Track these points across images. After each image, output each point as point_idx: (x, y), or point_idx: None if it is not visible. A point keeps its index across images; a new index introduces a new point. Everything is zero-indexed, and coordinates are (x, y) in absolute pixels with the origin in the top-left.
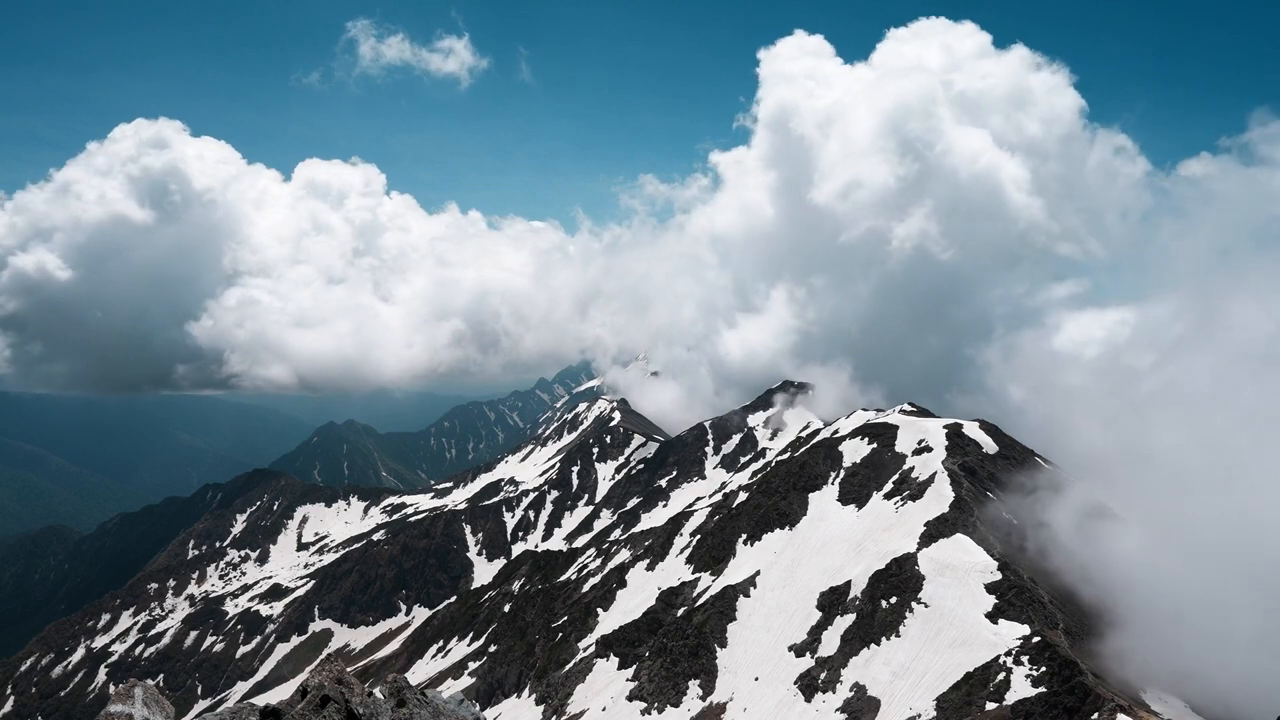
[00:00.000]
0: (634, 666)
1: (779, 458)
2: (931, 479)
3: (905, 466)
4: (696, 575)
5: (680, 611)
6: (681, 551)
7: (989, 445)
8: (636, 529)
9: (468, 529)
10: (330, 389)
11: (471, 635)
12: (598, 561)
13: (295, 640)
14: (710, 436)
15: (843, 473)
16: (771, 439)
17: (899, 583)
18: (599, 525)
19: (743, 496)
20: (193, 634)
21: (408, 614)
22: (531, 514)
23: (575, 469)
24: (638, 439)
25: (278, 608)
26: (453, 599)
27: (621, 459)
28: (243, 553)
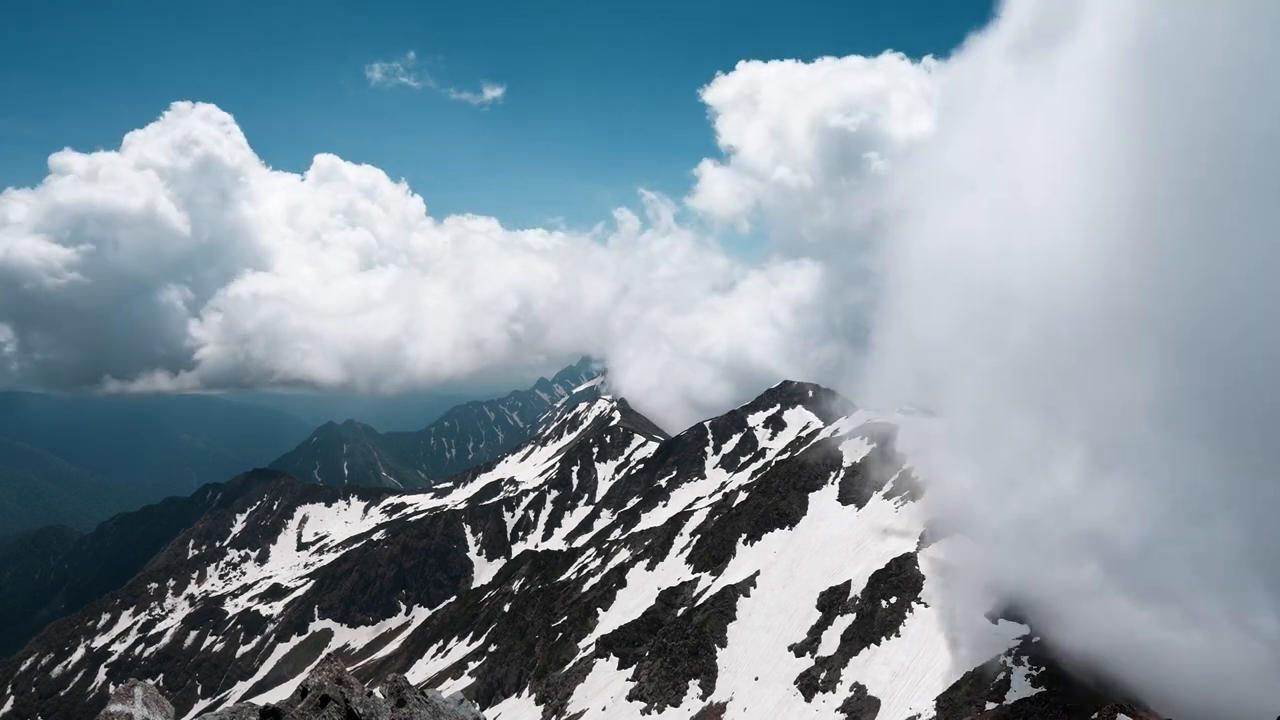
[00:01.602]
0: (634, 666)
1: (779, 458)
2: (932, 478)
3: (905, 466)
4: (696, 575)
5: (680, 611)
6: (681, 551)
7: None
8: (636, 529)
9: (468, 529)
10: (366, 386)
11: (471, 635)
12: (598, 561)
13: (295, 640)
14: (710, 436)
15: (843, 473)
16: (771, 439)
17: (899, 582)
18: (599, 525)
19: (743, 496)
20: (193, 634)
21: (408, 614)
22: (531, 514)
23: (575, 469)
24: (638, 439)
25: (278, 608)
26: (453, 599)
27: (621, 459)
28: (243, 552)
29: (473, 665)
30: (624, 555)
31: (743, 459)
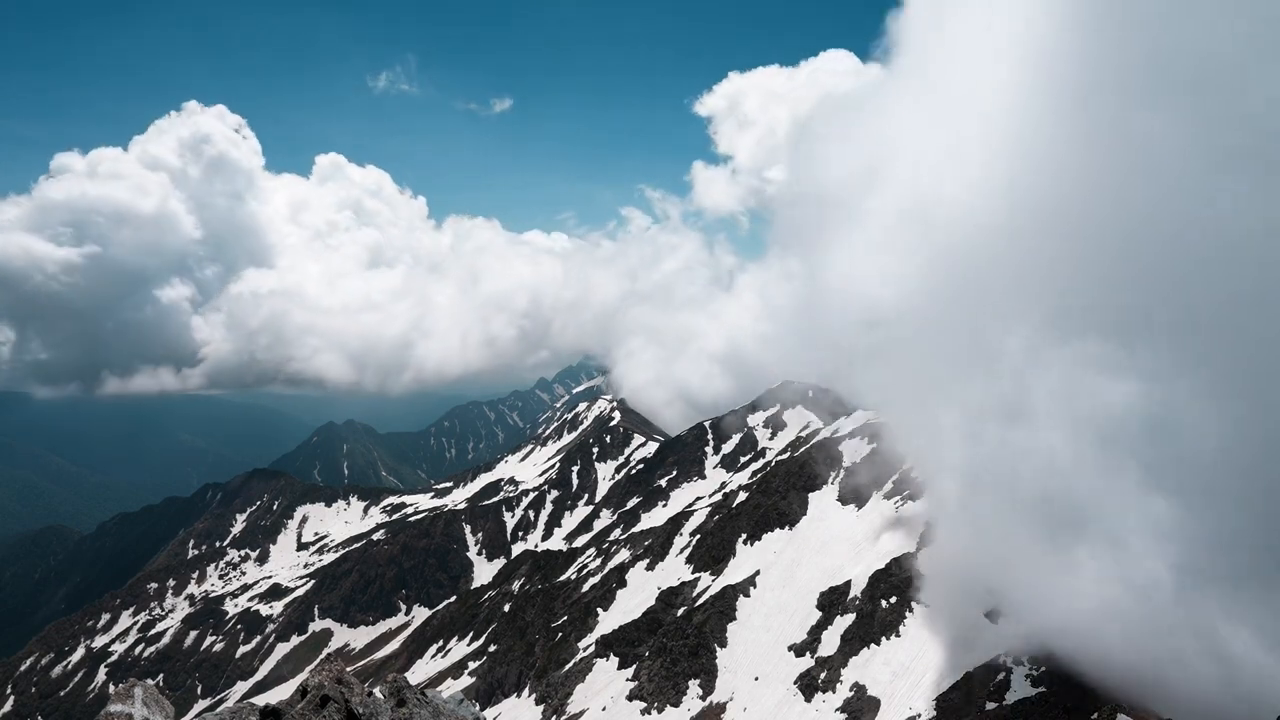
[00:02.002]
0: (634, 666)
1: (779, 457)
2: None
3: (905, 466)
4: (696, 575)
5: (680, 611)
6: (681, 551)
7: None
8: (636, 529)
9: (468, 529)
10: (374, 384)
11: (471, 635)
12: (598, 561)
13: (295, 640)
14: (710, 436)
15: (843, 473)
16: (771, 439)
17: (899, 582)
18: (599, 525)
19: (743, 496)
20: (192, 634)
21: (408, 614)
22: (531, 514)
23: (575, 469)
24: (638, 439)
25: (278, 607)
26: (453, 599)
27: (621, 459)
28: (243, 552)
29: (473, 665)
30: (624, 555)
31: (743, 459)
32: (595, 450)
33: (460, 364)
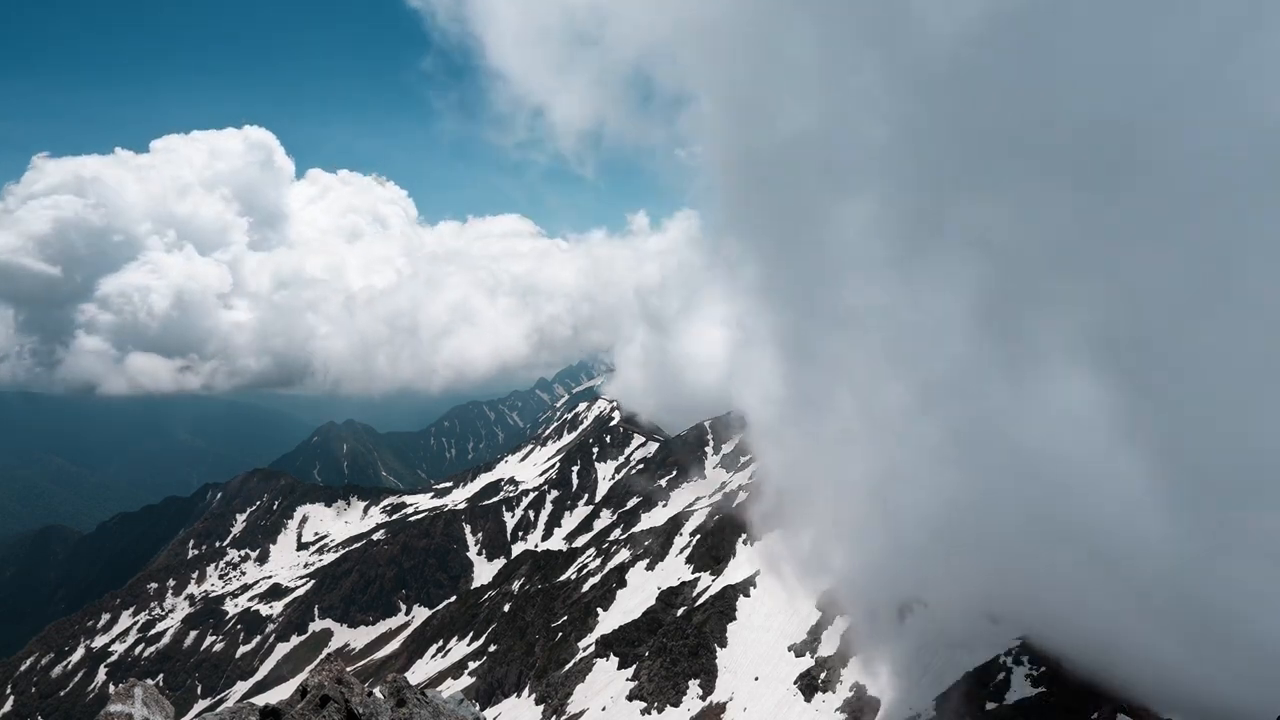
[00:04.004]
0: (634, 666)
1: None
2: None
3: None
4: (696, 575)
5: (680, 611)
6: (681, 551)
7: None
8: (636, 529)
9: (468, 529)
10: (406, 382)
11: (471, 635)
12: (598, 561)
13: (295, 640)
14: (710, 436)
15: None
16: None
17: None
18: (599, 525)
19: (742, 496)
20: (192, 634)
21: (408, 614)
22: (531, 514)
23: (575, 469)
24: (638, 439)
25: (278, 607)
26: (453, 599)
27: (621, 459)
28: (243, 552)
29: (473, 665)
30: (624, 555)
31: (743, 459)
32: (595, 450)
33: (483, 366)
